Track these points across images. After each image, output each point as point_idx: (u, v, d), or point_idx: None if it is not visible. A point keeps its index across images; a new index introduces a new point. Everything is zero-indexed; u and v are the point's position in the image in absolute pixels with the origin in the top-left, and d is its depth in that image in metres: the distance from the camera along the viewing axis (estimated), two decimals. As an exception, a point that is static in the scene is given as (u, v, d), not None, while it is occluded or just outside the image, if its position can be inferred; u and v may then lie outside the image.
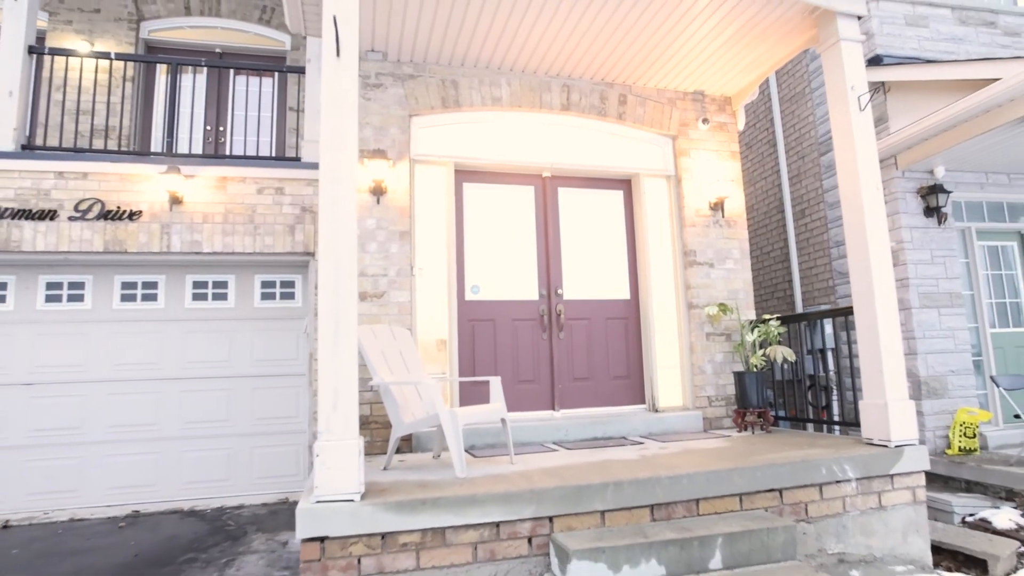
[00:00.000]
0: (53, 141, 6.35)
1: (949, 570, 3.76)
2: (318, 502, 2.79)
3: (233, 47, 7.70)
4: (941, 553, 3.99)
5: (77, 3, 7.12)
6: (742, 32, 4.66)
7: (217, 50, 7.68)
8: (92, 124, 6.06)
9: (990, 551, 3.76)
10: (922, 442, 3.86)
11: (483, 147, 5.11)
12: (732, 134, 5.64)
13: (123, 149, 6.57)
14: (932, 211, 5.94)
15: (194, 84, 7.01)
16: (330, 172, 3.07)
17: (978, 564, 3.79)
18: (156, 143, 7.14)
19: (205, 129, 7.29)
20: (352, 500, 2.82)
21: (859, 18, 4.22)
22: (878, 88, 6.03)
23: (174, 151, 5.93)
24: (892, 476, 3.69)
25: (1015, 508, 4.56)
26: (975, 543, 3.90)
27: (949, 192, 5.89)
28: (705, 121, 5.49)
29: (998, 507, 4.63)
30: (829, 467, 3.55)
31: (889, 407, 3.78)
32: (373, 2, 4.16)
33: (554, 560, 2.94)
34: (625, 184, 5.55)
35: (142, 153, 6.13)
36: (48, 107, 5.91)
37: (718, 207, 5.41)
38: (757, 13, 4.40)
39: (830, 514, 3.54)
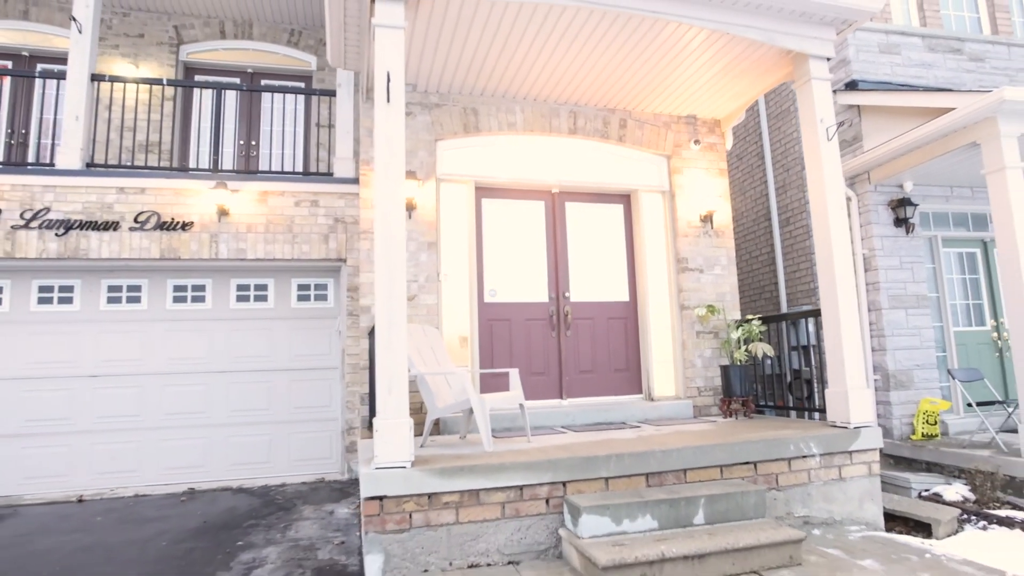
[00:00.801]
0: (104, 156, 7.01)
1: (900, 532, 4.42)
2: (377, 468, 3.45)
3: (264, 67, 8.33)
4: (895, 519, 4.66)
5: (123, 29, 7.75)
6: (728, 68, 5.31)
7: (249, 70, 8.31)
8: (147, 141, 6.74)
9: (934, 516, 4.43)
10: (883, 427, 4.51)
11: (500, 167, 5.77)
12: (721, 153, 6.30)
13: (172, 166, 7.23)
14: (901, 222, 6.61)
15: (237, 102, 7.65)
16: (383, 197, 3.72)
17: (924, 527, 4.46)
18: (194, 157, 7.76)
19: (238, 144, 7.93)
20: (404, 467, 3.48)
21: (828, 59, 4.87)
22: (854, 110, 6.70)
23: (219, 167, 6.59)
24: (851, 452, 4.35)
25: (964, 484, 5.22)
26: (923, 510, 4.57)
27: (916, 205, 6.55)
28: (696, 142, 6.15)
29: (950, 483, 5.30)
30: (796, 444, 4.22)
31: (849, 394, 4.45)
32: (408, 45, 4.81)
33: (567, 516, 3.61)
34: (625, 199, 6.21)
35: (192, 169, 6.77)
36: (108, 128, 6.58)
37: (708, 219, 6.07)
38: (741, 53, 5.06)
39: (797, 484, 4.20)
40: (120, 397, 6.08)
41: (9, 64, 7.59)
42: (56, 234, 5.82)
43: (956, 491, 5.10)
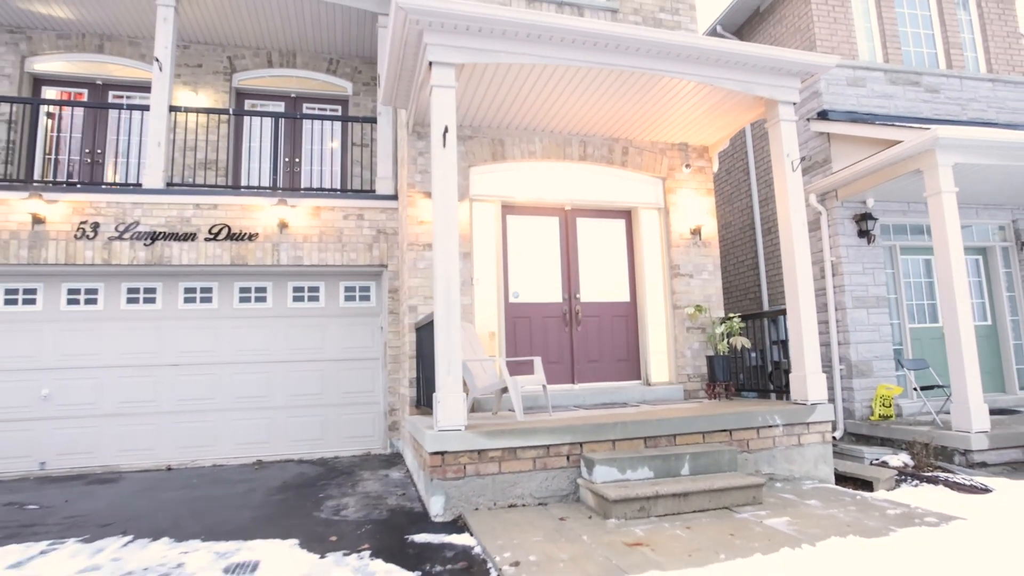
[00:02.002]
0: (173, 174, 8.04)
1: (847, 487, 5.50)
2: (440, 431, 4.51)
3: (305, 92, 9.37)
4: (847, 480, 5.72)
5: (184, 60, 8.78)
6: (713, 108, 6.37)
7: (292, 94, 9.35)
8: (210, 159, 7.76)
9: (875, 475, 5.50)
10: (846, 409, 5.55)
11: (522, 188, 6.84)
12: (708, 175, 7.37)
13: (228, 182, 8.27)
14: (864, 233, 7.68)
15: (284, 125, 8.68)
16: (440, 219, 4.77)
17: (868, 485, 5.53)
18: (246, 173, 8.80)
19: (284, 161, 8.97)
20: (459, 430, 4.54)
21: (794, 104, 5.94)
22: (825, 136, 7.76)
23: (276, 186, 7.63)
24: (808, 424, 5.43)
25: (907, 454, 6.31)
26: (868, 471, 5.65)
27: (876, 219, 7.62)
28: (687, 166, 7.22)
29: (897, 454, 6.38)
30: (763, 416, 5.29)
31: (807, 378, 5.53)
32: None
33: (584, 468, 4.68)
34: (626, 214, 7.29)
35: (250, 187, 7.82)
36: (176, 149, 7.61)
37: (696, 232, 7.14)
38: (723, 98, 6.13)
39: (764, 448, 5.28)
40: (196, 383, 7.14)
41: (85, 93, 8.63)
42: (144, 244, 6.87)
43: (900, 459, 6.19)
